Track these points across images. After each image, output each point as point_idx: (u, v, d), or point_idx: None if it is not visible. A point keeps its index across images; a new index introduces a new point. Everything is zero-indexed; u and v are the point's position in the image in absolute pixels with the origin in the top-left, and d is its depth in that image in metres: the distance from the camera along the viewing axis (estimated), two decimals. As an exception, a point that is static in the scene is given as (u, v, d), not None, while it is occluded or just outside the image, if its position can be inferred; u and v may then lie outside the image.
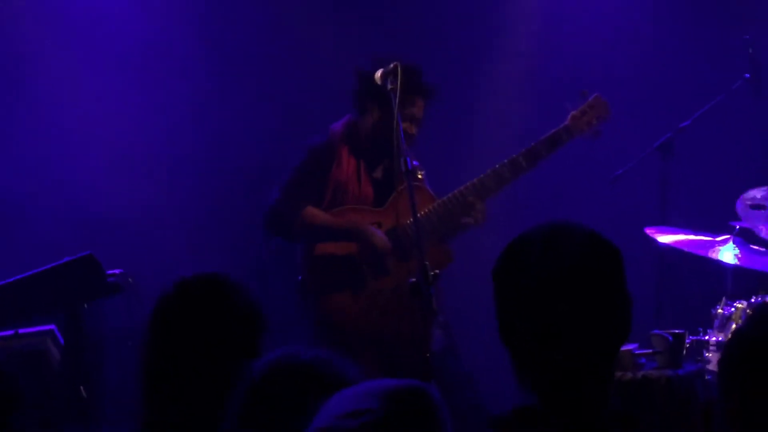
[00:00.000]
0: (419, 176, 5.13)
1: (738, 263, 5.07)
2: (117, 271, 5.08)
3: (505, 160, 5.14)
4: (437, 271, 4.34)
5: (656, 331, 4.78)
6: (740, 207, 5.01)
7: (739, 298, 4.96)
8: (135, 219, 6.42)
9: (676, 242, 5.20)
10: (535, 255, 2.19)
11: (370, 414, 1.66)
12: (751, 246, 5.12)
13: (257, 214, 5.21)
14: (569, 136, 5.20)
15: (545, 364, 2.15)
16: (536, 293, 2.16)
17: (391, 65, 4.76)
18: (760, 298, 4.97)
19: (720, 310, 4.90)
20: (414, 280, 4.31)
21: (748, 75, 5.63)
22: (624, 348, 4.58)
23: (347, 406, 1.69)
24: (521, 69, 6.83)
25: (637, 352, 4.71)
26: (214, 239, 6.43)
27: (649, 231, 5.22)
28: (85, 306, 5.01)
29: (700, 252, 5.17)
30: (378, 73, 4.81)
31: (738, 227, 5.10)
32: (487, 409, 5.40)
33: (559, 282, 2.15)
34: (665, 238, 5.20)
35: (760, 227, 4.98)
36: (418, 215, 4.63)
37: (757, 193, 4.97)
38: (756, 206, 4.94)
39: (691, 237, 5.20)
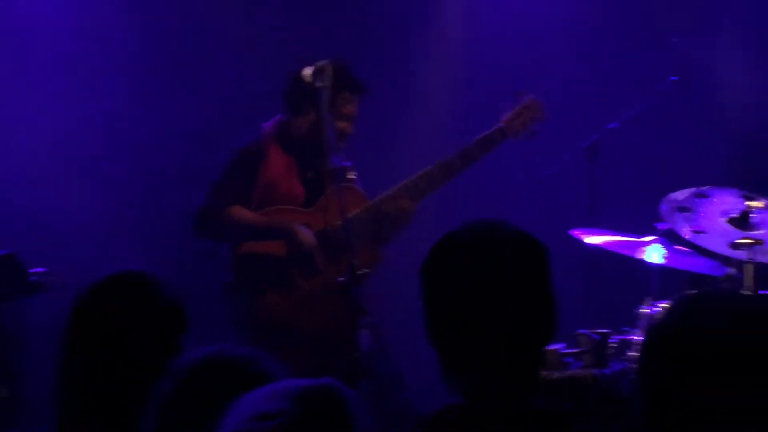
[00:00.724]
0: (350, 177, 5.12)
1: (665, 263, 5.14)
2: (40, 270, 5.00)
3: (439, 161, 5.14)
4: (366, 271, 4.33)
5: (582, 331, 4.82)
6: (665, 209, 5.06)
7: (663, 298, 5.01)
8: (64, 218, 6.32)
9: (603, 243, 5.24)
10: (465, 253, 2.20)
11: (283, 415, 1.64)
12: (675, 246, 5.18)
13: (187, 215, 5.17)
14: (503, 138, 5.21)
15: (473, 361, 2.16)
16: (466, 291, 2.17)
17: (321, 63, 4.75)
18: (683, 298, 5.02)
19: (645, 310, 4.95)
20: (342, 279, 4.30)
21: (674, 77, 5.68)
22: (551, 347, 4.63)
23: (257, 408, 1.66)
24: (455, 69, 6.84)
25: (563, 351, 4.74)
26: (143, 239, 6.35)
27: (575, 232, 5.25)
28: (6, 306, 4.93)
29: (626, 252, 5.23)
30: (307, 71, 4.79)
31: (662, 228, 5.16)
32: (417, 409, 5.40)
33: (488, 280, 2.17)
34: (592, 239, 5.24)
35: (683, 229, 5.03)
36: (349, 216, 4.62)
37: (679, 196, 5.03)
38: (681, 209, 5.00)
39: (618, 238, 5.24)
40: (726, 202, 4.90)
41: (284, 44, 6.30)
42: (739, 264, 4.92)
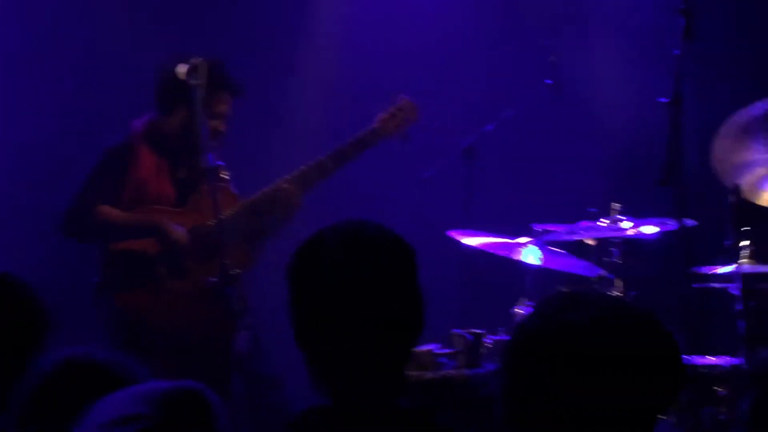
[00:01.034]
0: (223, 176, 5.06)
1: (540, 264, 5.22)
2: None
3: (312, 162, 5.12)
4: (238, 271, 4.29)
5: (456, 331, 4.85)
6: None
7: (537, 299, 5.08)
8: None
9: (480, 245, 5.28)
10: (332, 253, 2.19)
11: (142, 420, 1.60)
12: (550, 248, 5.26)
13: (54, 215, 5.06)
14: (377, 139, 5.20)
15: (340, 362, 2.15)
16: (332, 291, 2.16)
17: (195, 61, 4.69)
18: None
19: (519, 310, 5.01)
20: (214, 279, 4.25)
21: (549, 81, 5.76)
22: (424, 347, 4.65)
23: (117, 412, 1.62)
24: (330, 69, 6.82)
25: (437, 351, 4.76)
26: (9, 239, 6.20)
27: (452, 233, 5.29)
28: None
29: (503, 254, 5.29)
30: (181, 69, 4.72)
31: (537, 229, 5.23)
32: (296, 410, 5.37)
33: (355, 280, 2.16)
34: (469, 241, 5.28)
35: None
36: (221, 216, 4.57)
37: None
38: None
39: (494, 239, 5.30)
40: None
41: (156, 42, 6.19)
42: (610, 264, 5.02)
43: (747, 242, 4.76)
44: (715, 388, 4.61)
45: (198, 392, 1.68)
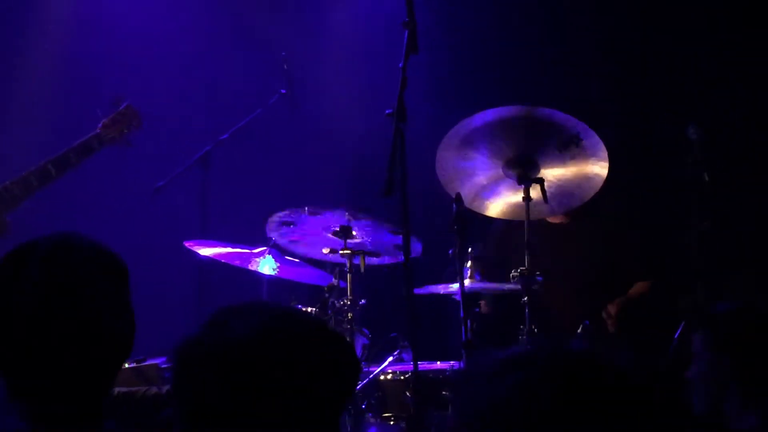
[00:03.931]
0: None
1: (276, 274, 5.21)
2: None
3: (33, 168, 4.99)
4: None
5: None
6: (271, 223, 5.13)
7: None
8: None
9: (216, 255, 5.23)
10: (35, 269, 2.10)
11: None
12: (286, 257, 5.26)
13: None
14: (100, 145, 5.15)
15: (38, 381, 2.07)
16: (34, 309, 2.07)
17: None
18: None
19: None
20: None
21: (284, 90, 5.78)
22: (151, 362, 4.54)
23: None
24: (56, 72, 6.61)
25: (164, 366, 4.66)
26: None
27: (188, 244, 5.22)
28: None
29: (239, 264, 5.25)
30: None
31: (274, 240, 5.22)
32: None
33: (56, 297, 2.08)
34: (205, 251, 5.23)
35: (281, 238, 5.16)
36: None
37: (283, 213, 5.12)
38: (285, 223, 5.10)
39: (230, 249, 5.26)
40: (331, 219, 5.02)
41: None
42: (342, 273, 5.06)
43: (469, 263, 4.88)
44: (444, 392, 4.70)
45: None
